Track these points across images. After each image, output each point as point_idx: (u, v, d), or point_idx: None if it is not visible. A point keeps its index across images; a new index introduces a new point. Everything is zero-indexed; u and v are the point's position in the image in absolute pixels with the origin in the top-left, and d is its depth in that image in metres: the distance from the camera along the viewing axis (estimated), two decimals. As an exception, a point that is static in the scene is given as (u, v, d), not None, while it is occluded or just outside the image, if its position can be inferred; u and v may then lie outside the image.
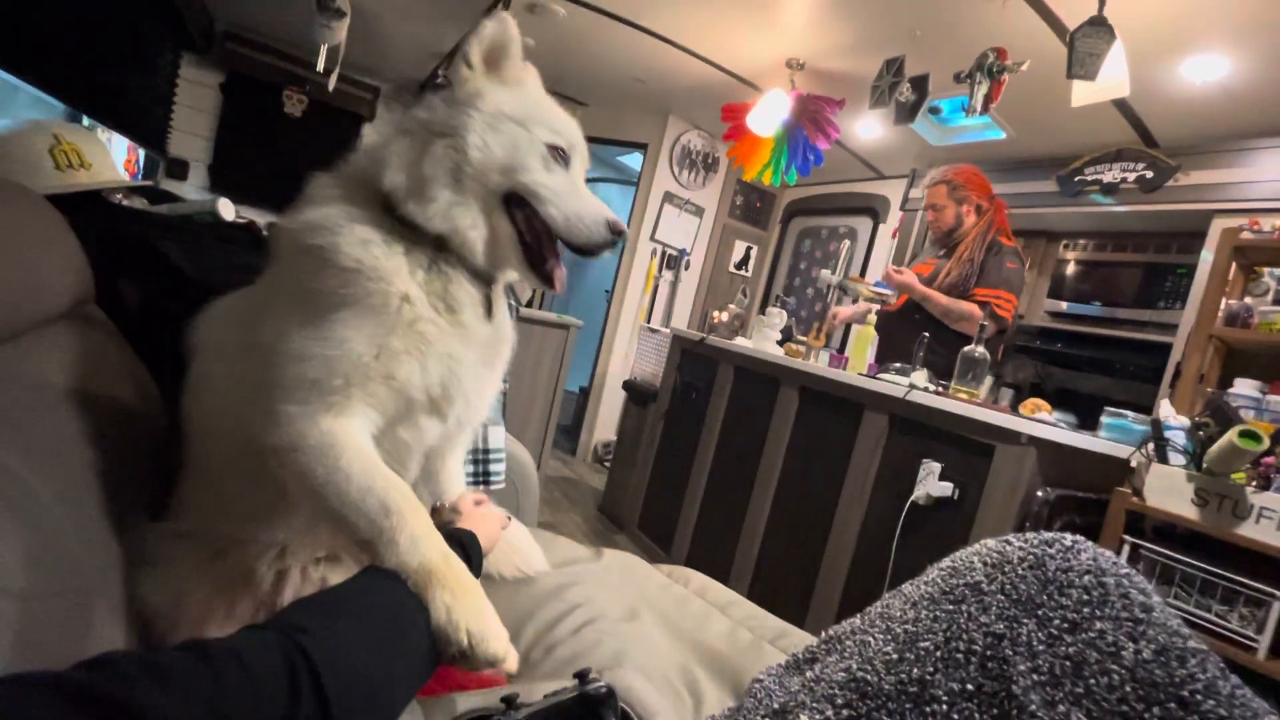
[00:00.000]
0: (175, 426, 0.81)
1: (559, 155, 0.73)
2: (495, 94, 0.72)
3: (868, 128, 3.42)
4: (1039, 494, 1.50)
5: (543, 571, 0.98)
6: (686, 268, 4.55)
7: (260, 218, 2.75)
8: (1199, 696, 0.43)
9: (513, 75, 0.75)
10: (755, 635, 0.96)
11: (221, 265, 1.06)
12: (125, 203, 1.21)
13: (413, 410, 0.68)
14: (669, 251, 4.47)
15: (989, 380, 2.21)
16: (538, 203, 0.70)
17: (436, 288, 0.68)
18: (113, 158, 1.18)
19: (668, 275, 4.52)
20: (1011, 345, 3.21)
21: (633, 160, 4.83)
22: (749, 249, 4.82)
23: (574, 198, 0.71)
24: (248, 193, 3.44)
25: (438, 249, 0.69)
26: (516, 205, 0.71)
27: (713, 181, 4.52)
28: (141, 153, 3.29)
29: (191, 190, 3.57)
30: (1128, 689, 0.43)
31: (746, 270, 4.84)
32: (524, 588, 0.94)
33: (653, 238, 4.38)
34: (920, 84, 2.51)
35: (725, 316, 2.94)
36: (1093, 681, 0.43)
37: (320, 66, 2.69)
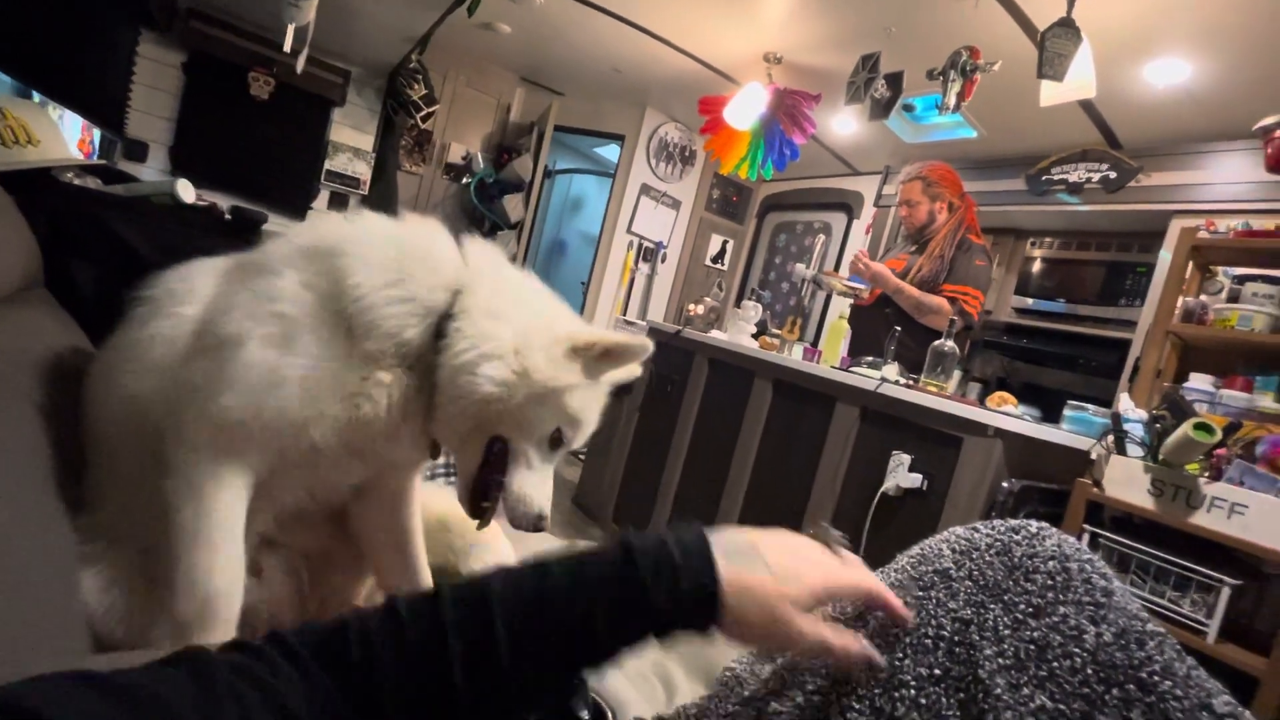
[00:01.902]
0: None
1: (559, 439, 0.68)
2: (579, 393, 0.67)
3: (843, 123, 3.45)
4: (1004, 485, 1.54)
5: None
6: (663, 260, 4.55)
7: (224, 201, 2.66)
8: (1156, 678, 0.44)
9: (602, 375, 0.69)
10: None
11: (181, 248, 1.02)
12: (77, 182, 1.16)
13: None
14: (645, 244, 4.46)
15: (957, 374, 2.25)
16: (512, 467, 0.67)
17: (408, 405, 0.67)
18: (64, 135, 1.13)
19: (644, 268, 4.52)
20: (979, 340, 3.28)
21: (609, 152, 4.80)
22: (725, 242, 4.84)
23: (538, 484, 0.67)
24: (211, 177, 3.34)
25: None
26: (499, 446, 0.67)
27: (690, 174, 4.52)
28: (97, 133, 3.15)
29: (151, 173, 3.43)
30: (1089, 671, 0.44)
31: (723, 264, 4.86)
32: None
33: (629, 230, 4.37)
34: (895, 81, 2.54)
35: (701, 309, 2.95)
36: (1055, 664, 0.44)
37: (287, 47, 2.60)
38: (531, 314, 0.67)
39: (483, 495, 0.67)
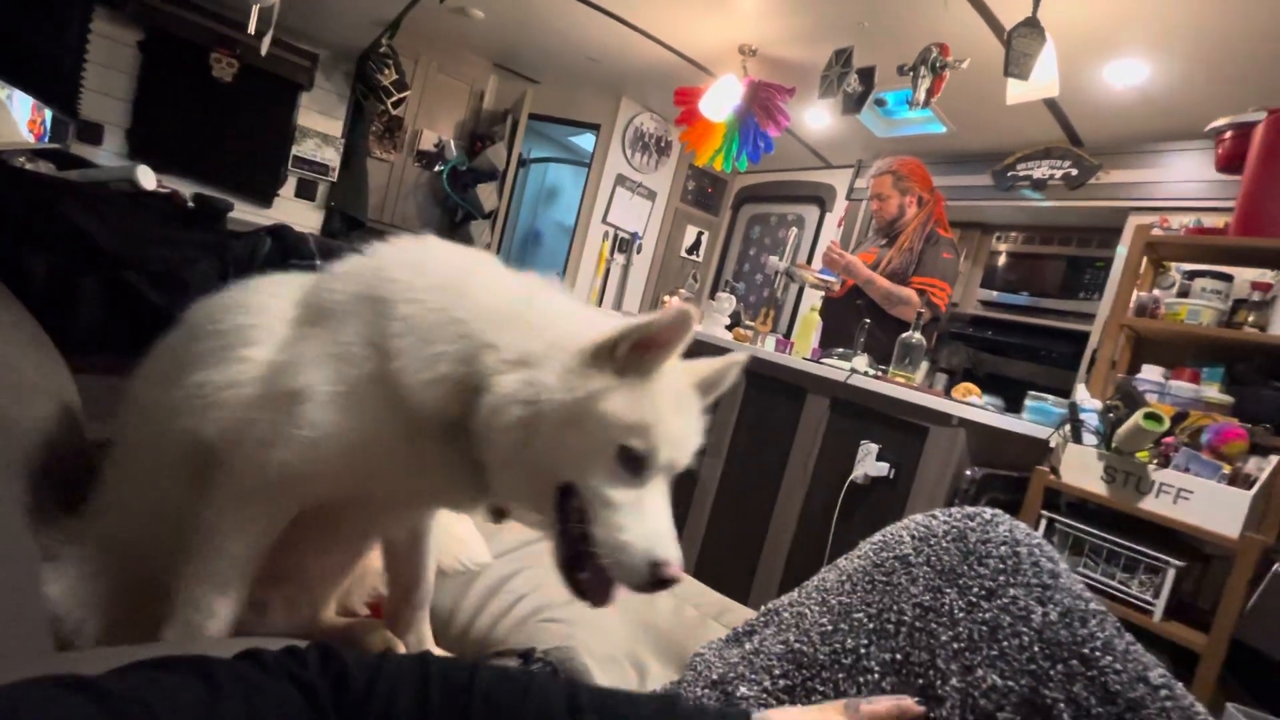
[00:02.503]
0: (81, 408, 0.76)
1: (635, 458, 0.57)
2: (617, 397, 0.56)
3: (816, 117, 3.48)
4: (967, 472, 1.59)
5: (484, 564, 0.97)
6: (639, 251, 4.55)
7: (185, 188, 2.58)
8: (1098, 653, 0.46)
9: (653, 369, 0.59)
10: (700, 612, 0.98)
11: (140, 237, 0.99)
12: (29, 167, 1.11)
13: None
14: (621, 235, 4.45)
15: (925, 365, 2.31)
16: (592, 513, 0.56)
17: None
18: (14, 117, 1.09)
19: (619, 258, 4.51)
20: (946, 332, 3.36)
21: (585, 141, 4.77)
22: (700, 234, 4.85)
23: (633, 520, 0.55)
24: (171, 161, 3.23)
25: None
26: (571, 494, 0.58)
27: (665, 165, 4.52)
28: (49, 114, 3.02)
29: (107, 157, 3.31)
30: (1036, 649, 0.46)
31: (698, 255, 4.87)
32: (468, 582, 0.93)
33: (605, 221, 4.35)
34: (867, 76, 2.57)
35: (676, 301, 2.97)
36: (1005, 644, 0.46)
37: (252, 29, 2.53)
38: (549, 337, 0.59)
39: (577, 565, 0.57)
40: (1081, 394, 1.62)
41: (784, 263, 2.67)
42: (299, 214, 3.69)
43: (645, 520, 0.55)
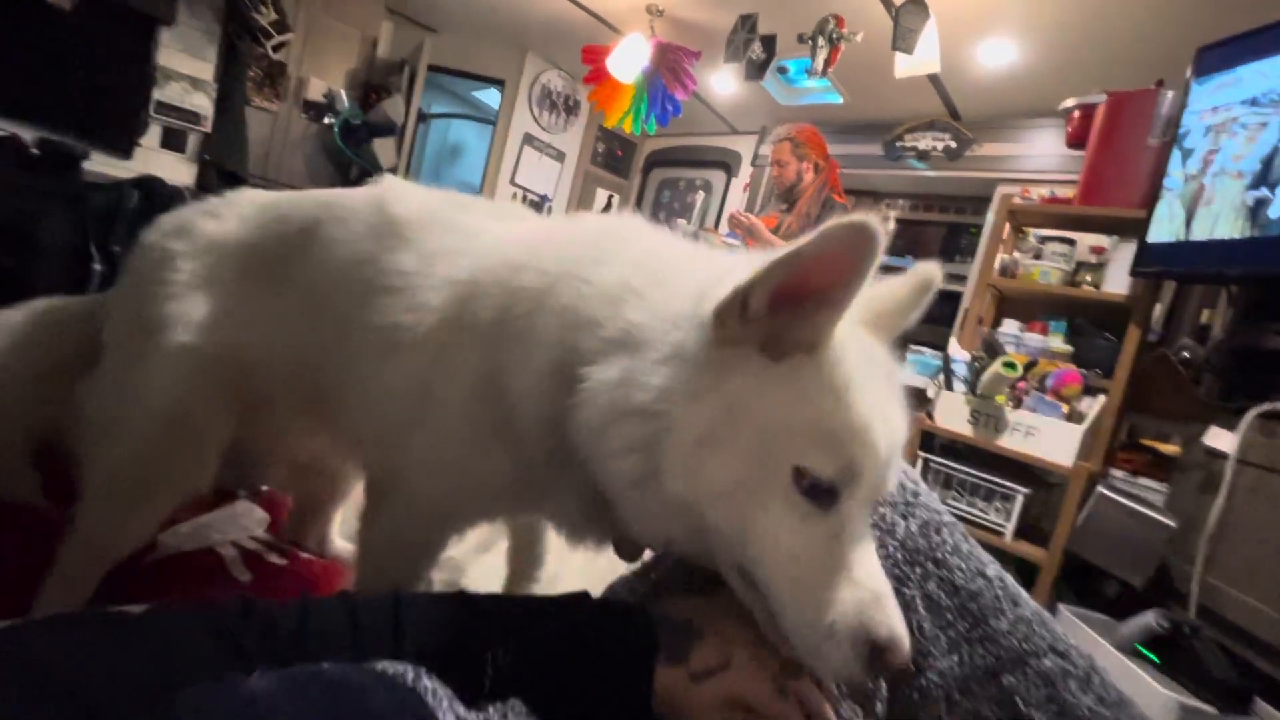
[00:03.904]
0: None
1: (815, 484, 0.39)
2: (772, 391, 0.39)
3: (723, 82, 3.53)
4: (856, 421, 1.74)
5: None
6: (548, 215, 4.48)
7: (27, 133, 2.26)
8: (948, 555, 0.55)
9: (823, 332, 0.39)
10: (611, 561, 1.04)
11: (-18, 188, 0.88)
12: None
13: None
14: (530, 197, 4.36)
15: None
16: (758, 577, 0.40)
17: None
18: None
19: (529, 221, 4.43)
20: (842, 294, 3.59)
21: (489, 97, 4.58)
22: (611, 197, 4.83)
23: (818, 572, 0.38)
24: (6, 103, 2.79)
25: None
26: None
27: (574, 126, 4.44)
28: None
29: (-85, 93, 2.81)
30: (899, 555, 0.55)
31: (608, 219, 4.87)
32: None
33: (513, 182, 4.23)
34: (769, 43, 2.63)
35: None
36: (878, 553, 0.54)
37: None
38: (652, 301, 0.43)
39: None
40: (953, 347, 1.81)
41: (692, 227, 2.74)
42: (168, 167, 3.31)
43: (851, 582, 0.38)
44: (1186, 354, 1.61)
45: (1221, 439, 1.34)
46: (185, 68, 3.37)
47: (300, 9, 3.57)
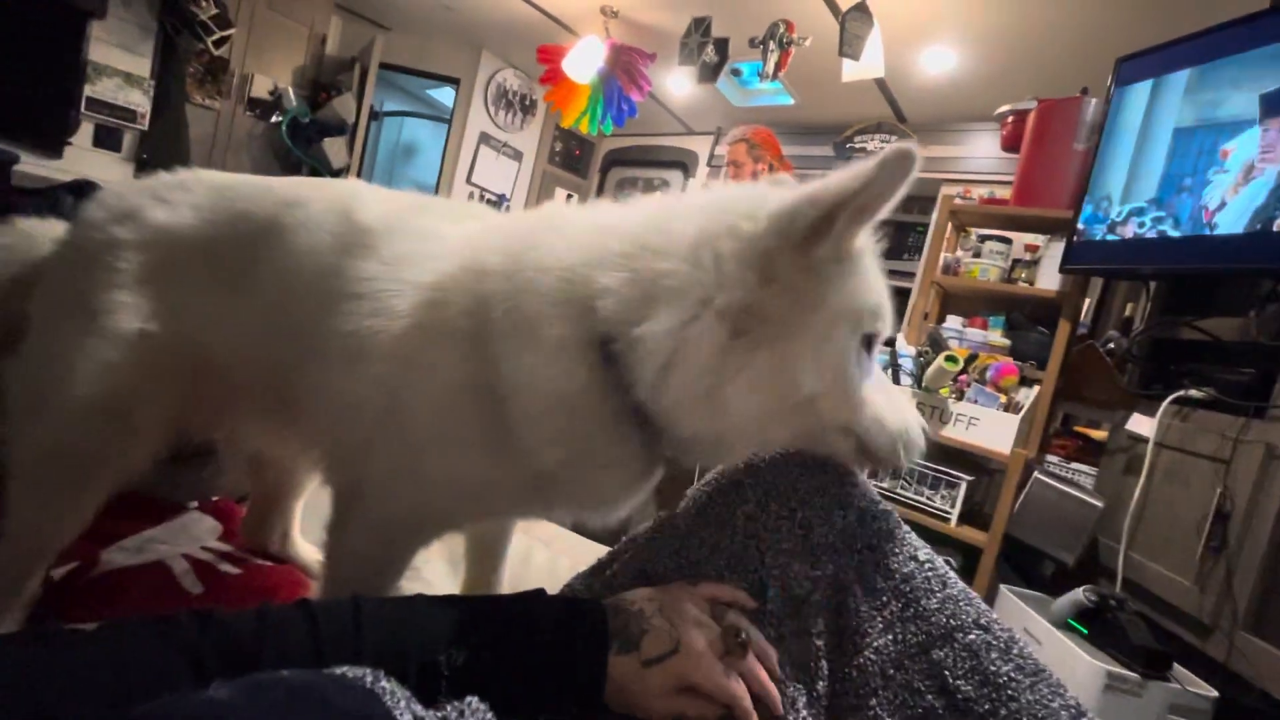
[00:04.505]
0: None
1: (867, 345, 0.52)
2: (853, 282, 0.49)
3: (678, 84, 3.57)
4: (810, 415, 1.80)
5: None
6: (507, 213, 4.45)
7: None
8: (882, 542, 0.59)
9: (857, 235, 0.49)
10: (573, 561, 1.05)
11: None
12: None
13: None
14: (488, 196, 4.32)
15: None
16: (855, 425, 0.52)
17: None
18: None
19: (487, 221, 4.39)
20: (797, 291, 3.68)
21: (444, 95, 4.51)
22: (570, 196, 4.83)
23: (892, 406, 0.53)
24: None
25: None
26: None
27: (531, 125, 4.42)
28: None
29: None
30: (838, 543, 0.58)
31: (567, 218, 4.86)
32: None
33: (469, 181, 4.19)
34: (722, 46, 2.68)
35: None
36: (816, 541, 0.58)
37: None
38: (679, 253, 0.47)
39: None
40: (901, 342, 1.89)
41: (650, 227, 2.77)
42: (102, 167, 3.17)
43: (902, 407, 0.53)
44: (1112, 345, 1.72)
45: (1142, 424, 1.44)
46: (119, 63, 3.22)
47: (243, 3, 3.46)
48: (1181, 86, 1.42)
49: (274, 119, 3.70)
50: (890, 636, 0.55)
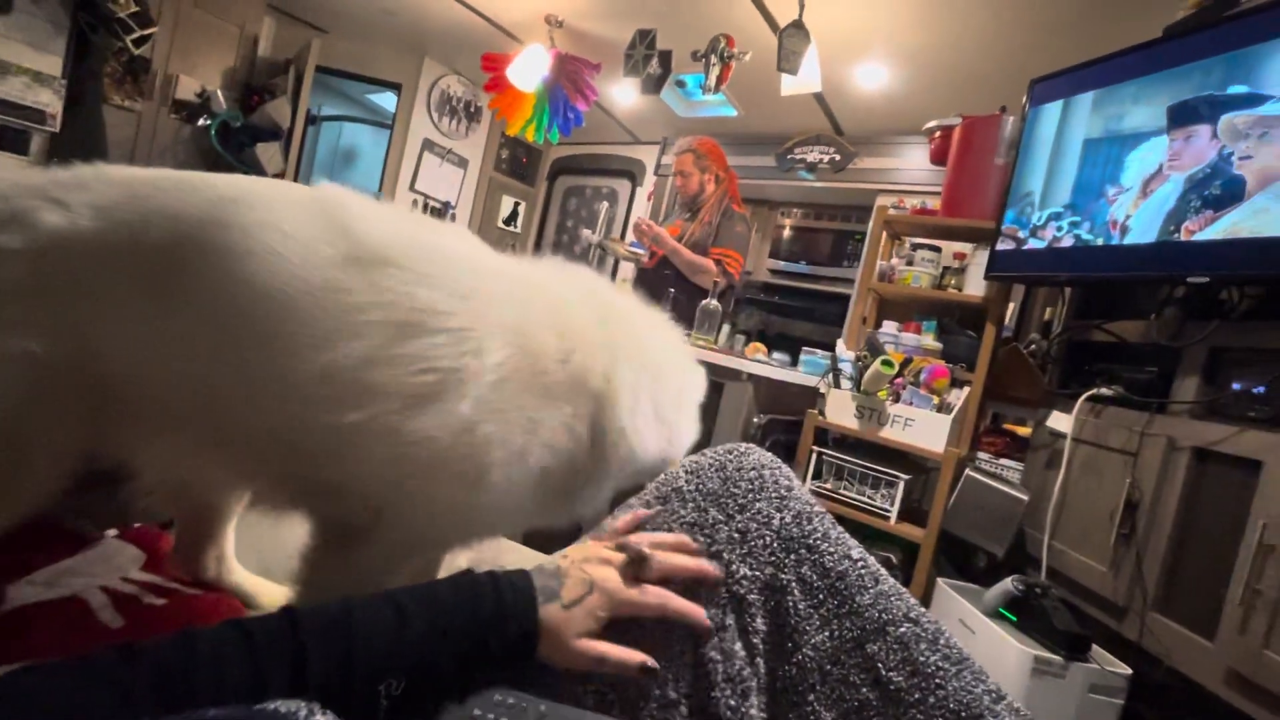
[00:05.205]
0: None
1: None
2: None
3: (624, 94, 3.61)
4: (755, 420, 1.84)
5: None
6: (452, 221, 4.37)
7: None
8: (818, 541, 0.61)
9: None
10: (519, 561, 1.05)
11: None
12: None
13: None
14: (432, 204, 4.24)
15: (726, 328, 2.58)
16: None
17: None
18: None
19: (432, 229, 4.30)
20: (743, 298, 3.76)
21: (386, 100, 4.41)
22: (517, 204, 4.79)
23: None
24: None
25: None
26: None
27: (476, 132, 4.37)
28: None
29: None
30: (775, 545, 0.60)
31: (515, 226, 4.82)
32: None
33: (412, 188, 4.11)
34: (665, 59, 2.72)
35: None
36: (754, 544, 0.59)
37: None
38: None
39: None
40: (840, 348, 1.96)
41: (597, 236, 2.78)
42: (9, 171, 2.95)
43: None
44: (1034, 347, 1.83)
45: (1061, 421, 1.54)
46: (26, 60, 3.01)
47: (166, 2, 3.29)
48: (1089, 106, 1.54)
49: (202, 122, 3.53)
50: (827, 633, 0.57)
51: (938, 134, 2.14)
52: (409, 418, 0.54)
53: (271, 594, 0.83)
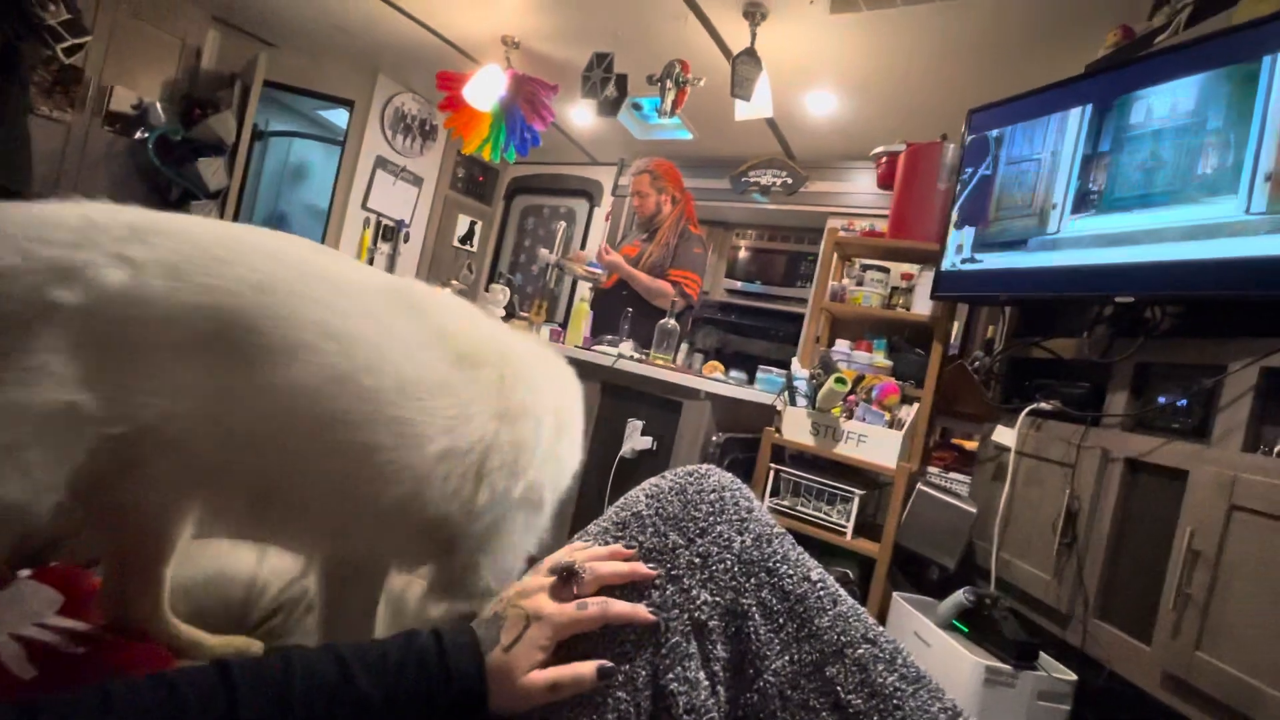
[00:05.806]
0: None
1: None
2: None
3: (581, 115, 3.63)
4: (714, 438, 1.85)
5: None
6: (406, 240, 4.29)
7: None
8: (778, 564, 0.61)
9: None
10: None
11: None
12: None
13: None
14: (385, 222, 4.16)
15: (685, 347, 2.60)
16: None
17: None
18: None
19: (384, 248, 4.21)
20: (701, 317, 3.80)
21: (337, 117, 4.32)
22: (473, 223, 4.74)
23: None
24: None
25: None
26: None
27: (431, 150, 4.32)
28: None
29: None
30: (736, 569, 0.59)
31: (471, 245, 4.76)
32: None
33: (365, 206, 4.02)
34: (621, 82, 2.76)
35: (450, 292, 2.89)
36: (715, 568, 0.59)
37: None
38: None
39: None
40: (795, 366, 1.99)
41: (554, 255, 2.77)
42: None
43: None
44: (978, 364, 1.91)
45: (1005, 435, 1.60)
46: (-57, 67, 2.83)
47: (101, 10, 3.17)
48: (1019, 134, 1.63)
49: (139, 135, 3.38)
50: (787, 658, 0.57)
51: (884, 159, 2.22)
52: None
53: (209, 644, 0.77)
